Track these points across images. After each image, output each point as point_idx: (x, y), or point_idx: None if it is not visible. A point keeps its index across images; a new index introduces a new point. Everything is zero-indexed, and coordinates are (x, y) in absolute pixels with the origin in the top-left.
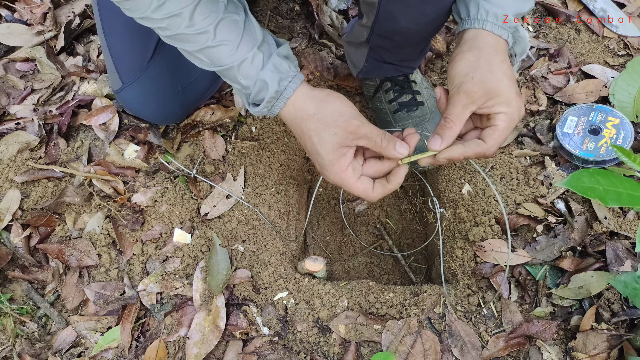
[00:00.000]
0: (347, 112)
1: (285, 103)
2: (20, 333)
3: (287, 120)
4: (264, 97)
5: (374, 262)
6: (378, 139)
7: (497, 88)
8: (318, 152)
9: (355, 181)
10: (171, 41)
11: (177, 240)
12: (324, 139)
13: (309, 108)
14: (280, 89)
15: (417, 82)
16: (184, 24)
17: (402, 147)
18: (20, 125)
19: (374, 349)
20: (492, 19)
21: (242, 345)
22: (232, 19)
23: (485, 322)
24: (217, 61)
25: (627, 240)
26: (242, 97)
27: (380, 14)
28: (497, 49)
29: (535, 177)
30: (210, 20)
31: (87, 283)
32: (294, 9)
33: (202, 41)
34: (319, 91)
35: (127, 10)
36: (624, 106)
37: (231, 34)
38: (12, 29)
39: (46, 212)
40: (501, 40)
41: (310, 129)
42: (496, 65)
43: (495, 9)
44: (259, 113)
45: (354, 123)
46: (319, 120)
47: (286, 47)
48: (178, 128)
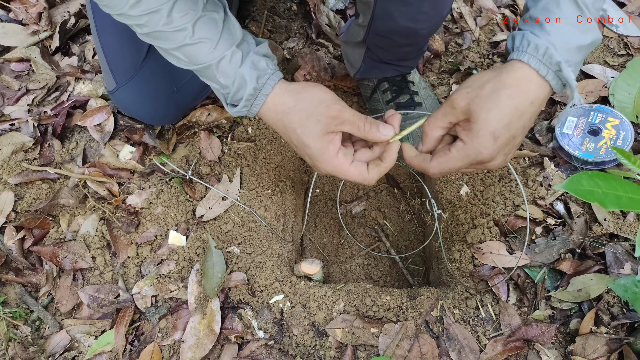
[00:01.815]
0: (327, 98)
1: (264, 101)
2: (14, 337)
3: (267, 119)
4: (242, 95)
5: (371, 264)
6: (361, 123)
7: (476, 115)
8: (305, 144)
9: (349, 166)
10: (148, 39)
11: (172, 243)
12: (308, 128)
13: (288, 101)
14: (259, 85)
15: (414, 83)
16: (162, 21)
17: (385, 129)
18: (15, 126)
19: (371, 353)
20: (532, 50)
21: (238, 349)
22: (211, 17)
23: (484, 326)
24: (196, 59)
25: (626, 242)
26: (220, 97)
27: (377, 13)
28: (520, 83)
29: (534, 179)
30: (189, 18)
31: (81, 286)
32: (291, 9)
33: (180, 39)
34: (296, 84)
35: (105, 6)
36: (624, 106)
37: (210, 32)
38: (6, 29)
39: (40, 214)
40: (535, 75)
41: (292, 122)
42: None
43: (539, 41)
44: (238, 114)
45: (335, 107)
46: (300, 111)
47: (265, 46)
48: (174, 129)
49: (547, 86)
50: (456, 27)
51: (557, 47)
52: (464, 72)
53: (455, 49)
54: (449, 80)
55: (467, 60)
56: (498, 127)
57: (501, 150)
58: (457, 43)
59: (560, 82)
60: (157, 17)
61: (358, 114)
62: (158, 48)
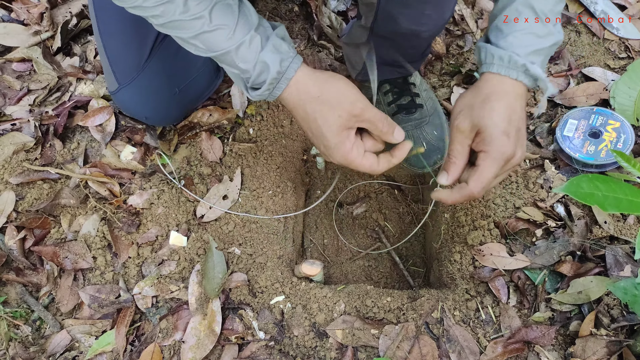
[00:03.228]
0: (351, 94)
1: (287, 84)
2: (14, 336)
3: (288, 103)
4: (265, 79)
5: (372, 265)
6: (380, 124)
7: (483, 125)
8: (324, 135)
9: (362, 159)
10: (165, 29)
11: (173, 243)
12: (329, 121)
13: (312, 90)
14: (282, 69)
15: (416, 85)
16: (178, 10)
17: (399, 134)
18: (16, 126)
19: (371, 354)
20: (498, 61)
21: (238, 350)
22: (226, 3)
23: (484, 327)
24: (214, 46)
25: (627, 245)
26: (239, 82)
27: (379, 14)
28: (499, 89)
29: (535, 181)
30: (205, 5)
31: (82, 286)
32: (293, 10)
33: (198, 27)
34: (320, 73)
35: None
36: (625, 109)
37: (226, 18)
38: (8, 29)
39: (41, 214)
40: (507, 79)
41: (315, 111)
42: (490, 103)
43: (502, 52)
44: (259, 97)
45: (358, 106)
46: (323, 103)
47: (283, 29)
48: (175, 129)
49: (521, 84)
50: (457, 29)
51: (520, 53)
52: (465, 74)
53: (456, 51)
54: (450, 82)
55: (469, 63)
56: (505, 125)
57: (517, 143)
58: (459, 45)
59: (532, 78)
60: (173, 6)
61: (379, 114)
62: (176, 38)
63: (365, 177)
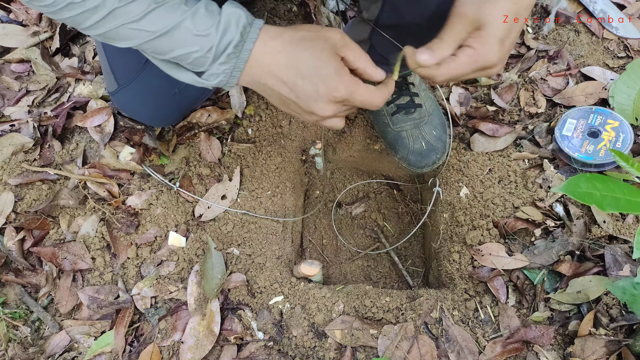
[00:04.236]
0: (325, 28)
1: (257, 35)
2: (13, 337)
3: (262, 64)
4: (232, 37)
5: (370, 265)
6: (361, 51)
7: (486, 23)
8: (322, 60)
9: (364, 86)
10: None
11: (172, 244)
12: (318, 47)
13: (287, 32)
14: (250, 19)
15: (415, 84)
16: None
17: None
18: (15, 127)
19: (370, 354)
20: None
21: (237, 350)
22: None
23: (483, 327)
24: (166, 21)
25: (626, 245)
26: (188, 71)
27: (385, 8)
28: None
29: (534, 180)
30: None
31: (81, 287)
32: (292, 10)
33: (143, 7)
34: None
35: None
36: (624, 109)
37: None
38: (7, 30)
39: (40, 215)
40: None
41: (299, 48)
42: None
43: None
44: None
45: (334, 29)
46: (304, 38)
47: None
48: (174, 130)
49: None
50: None
51: None
52: None
53: None
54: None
55: None
56: (504, 33)
57: (505, 56)
58: None
59: None
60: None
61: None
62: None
63: (364, 177)
